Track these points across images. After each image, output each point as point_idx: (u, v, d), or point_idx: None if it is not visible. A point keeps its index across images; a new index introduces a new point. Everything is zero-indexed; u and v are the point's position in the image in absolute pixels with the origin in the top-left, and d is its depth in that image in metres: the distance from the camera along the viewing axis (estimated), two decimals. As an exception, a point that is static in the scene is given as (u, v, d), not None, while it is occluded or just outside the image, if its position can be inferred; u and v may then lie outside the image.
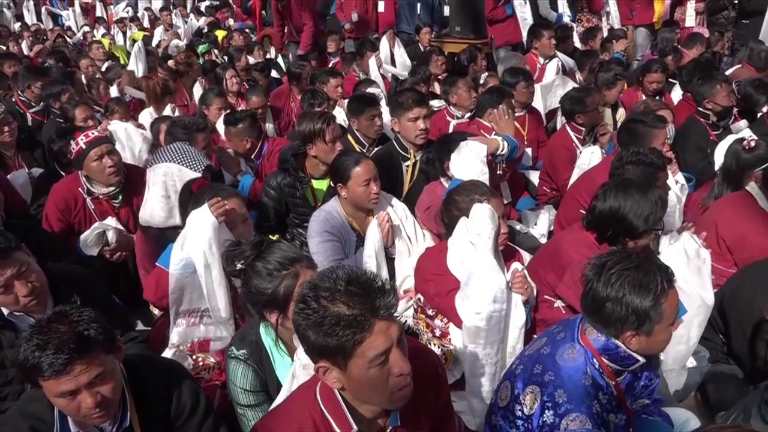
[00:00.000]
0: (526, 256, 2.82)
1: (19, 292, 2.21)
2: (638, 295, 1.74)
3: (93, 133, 3.29)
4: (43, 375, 1.60)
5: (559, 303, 2.59)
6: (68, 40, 10.65)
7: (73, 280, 2.38)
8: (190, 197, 2.68)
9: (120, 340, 1.82)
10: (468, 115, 4.61)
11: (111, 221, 3.31)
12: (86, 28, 11.76)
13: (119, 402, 1.78)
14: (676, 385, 2.46)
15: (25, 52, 9.36)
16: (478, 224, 2.41)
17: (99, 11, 13.24)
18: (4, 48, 9.43)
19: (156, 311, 3.17)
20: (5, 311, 2.29)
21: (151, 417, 1.86)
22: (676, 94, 5.39)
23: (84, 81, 6.55)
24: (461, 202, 2.53)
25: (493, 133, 3.70)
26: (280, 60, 8.01)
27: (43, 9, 13.39)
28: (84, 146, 3.23)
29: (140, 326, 3.20)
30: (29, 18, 13.14)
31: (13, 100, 5.66)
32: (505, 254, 2.59)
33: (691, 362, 2.55)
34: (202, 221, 2.44)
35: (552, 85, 5.56)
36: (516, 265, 2.54)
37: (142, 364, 1.92)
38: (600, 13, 8.32)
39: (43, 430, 1.75)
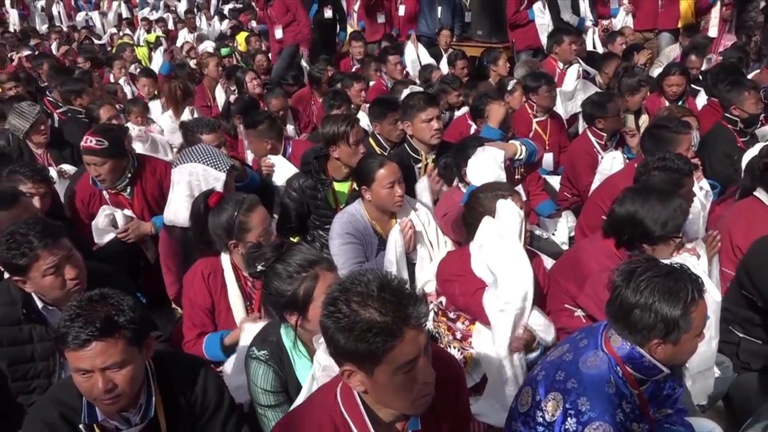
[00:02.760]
0: (548, 262, 2.80)
1: (67, 274, 2.28)
2: (668, 303, 1.71)
3: (91, 142, 3.29)
4: (66, 345, 1.66)
5: (579, 312, 2.57)
6: (95, 41, 10.82)
7: (101, 277, 2.42)
8: (204, 209, 2.64)
9: (152, 338, 1.86)
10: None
11: (125, 212, 3.39)
12: (113, 30, 11.97)
13: (145, 394, 1.81)
14: (702, 390, 2.42)
15: (54, 53, 9.55)
16: (505, 218, 2.40)
17: (125, 13, 13.46)
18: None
19: (179, 310, 3.21)
20: (40, 304, 2.34)
21: (176, 411, 1.89)
22: (701, 100, 5.32)
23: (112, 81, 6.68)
24: (484, 199, 2.53)
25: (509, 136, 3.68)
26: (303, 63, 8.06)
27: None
28: (81, 148, 3.34)
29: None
30: (58, 19, 13.43)
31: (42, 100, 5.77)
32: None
33: (716, 372, 2.51)
34: None
35: (573, 91, 5.53)
36: None
37: (170, 360, 1.96)
38: (608, 18, 8.25)
39: (72, 417, 1.79)
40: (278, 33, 7.28)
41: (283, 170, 3.82)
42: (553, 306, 2.63)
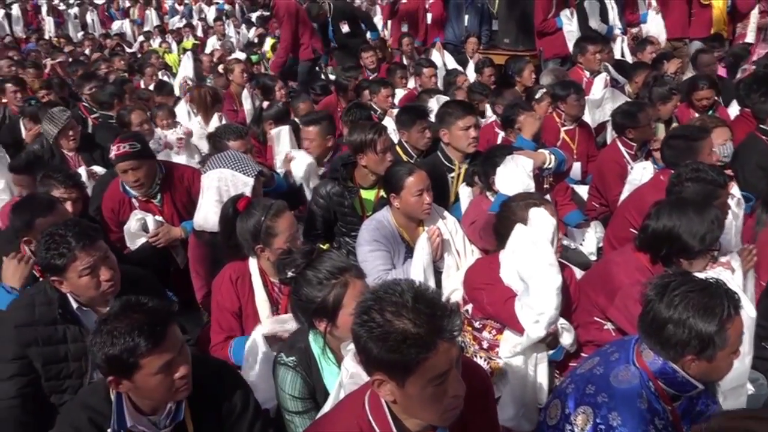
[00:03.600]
0: (578, 273, 2.77)
1: (102, 275, 2.31)
2: (703, 318, 1.68)
3: (124, 147, 3.34)
4: (142, 352, 1.67)
5: (609, 325, 2.54)
6: (126, 48, 11.05)
7: (132, 281, 2.47)
8: (232, 213, 2.67)
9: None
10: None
11: (156, 218, 3.44)
12: (142, 38, 12.21)
13: None
14: (734, 408, 2.36)
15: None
16: (538, 226, 2.39)
17: (155, 21, 13.72)
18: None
19: (206, 314, 3.24)
20: (74, 304, 2.38)
21: (202, 414, 1.91)
22: (734, 109, 5.21)
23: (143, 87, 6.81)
24: (516, 208, 2.51)
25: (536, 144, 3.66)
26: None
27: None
28: (113, 158, 3.37)
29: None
30: (92, 27, 13.76)
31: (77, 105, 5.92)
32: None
33: (749, 389, 2.46)
34: None
35: (601, 99, 5.47)
36: None
37: (198, 363, 1.97)
38: (637, 25, 8.13)
39: (101, 422, 1.81)
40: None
41: (301, 161, 3.81)
42: (582, 318, 2.60)
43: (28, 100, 5.56)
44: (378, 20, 9.86)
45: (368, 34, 8.20)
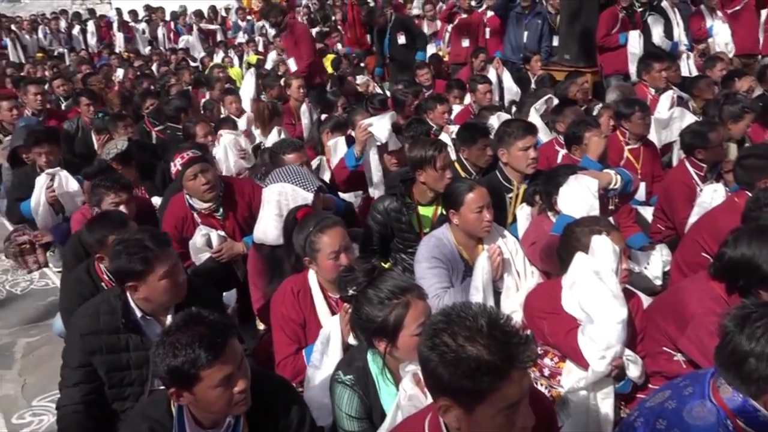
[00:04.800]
0: (644, 300, 2.65)
1: (180, 279, 2.41)
2: None
3: (188, 154, 3.45)
4: (203, 364, 1.69)
5: (679, 356, 2.41)
6: (190, 63, 11.45)
7: (195, 289, 2.53)
8: (292, 223, 2.74)
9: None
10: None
11: (219, 233, 3.48)
12: (203, 53, 12.64)
13: None
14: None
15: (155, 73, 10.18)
16: (600, 255, 2.30)
17: (219, 36, 14.18)
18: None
19: (261, 327, 3.28)
20: (138, 313, 2.44)
21: (260, 429, 1.91)
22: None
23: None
24: (581, 234, 2.43)
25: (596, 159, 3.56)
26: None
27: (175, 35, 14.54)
28: (180, 167, 3.43)
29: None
30: (161, 42, 14.35)
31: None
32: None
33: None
34: None
35: (669, 119, 5.28)
36: None
37: (255, 378, 1.98)
38: (704, 41, 7.81)
39: None
40: (291, 65, 7.45)
41: (381, 126, 3.77)
42: (650, 348, 2.48)
43: (99, 113, 5.81)
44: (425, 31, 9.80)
45: (417, 54, 8.14)
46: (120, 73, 10.07)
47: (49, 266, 4.59)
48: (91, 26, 14.79)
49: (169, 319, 2.49)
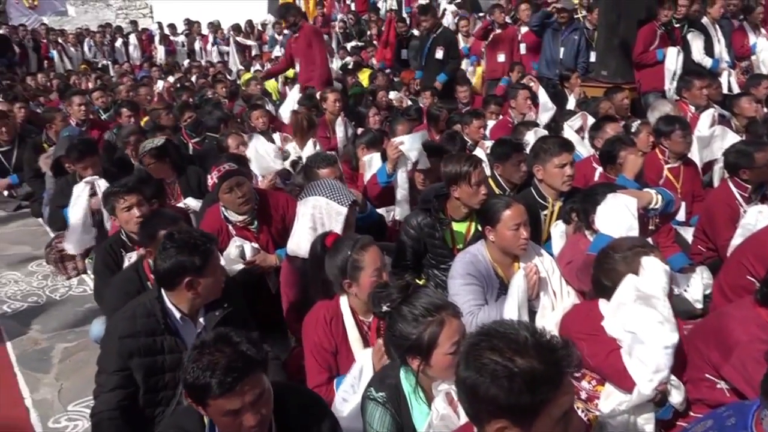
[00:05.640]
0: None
1: (222, 275, 2.52)
2: None
3: (224, 167, 3.48)
4: (213, 394, 1.69)
5: (722, 384, 2.32)
6: (227, 76, 11.67)
7: (225, 291, 2.59)
8: (321, 249, 2.71)
9: (271, 358, 1.91)
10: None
11: (253, 245, 3.49)
12: (242, 67, 12.87)
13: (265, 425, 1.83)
14: None
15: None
16: (652, 276, 2.24)
17: (255, 50, 14.43)
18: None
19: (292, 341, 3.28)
20: (177, 314, 2.49)
21: None
22: None
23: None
24: (621, 260, 2.37)
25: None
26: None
27: (209, 46, 14.89)
28: (216, 180, 3.46)
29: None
30: (199, 55, 14.68)
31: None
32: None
33: None
34: None
35: (710, 137, 5.16)
36: None
37: (287, 393, 1.98)
38: (747, 59, 7.61)
39: None
40: (297, 67, 7.46)
41: (412, 144, 3.83)
42: (692, 374, 2.40)
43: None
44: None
45: (439, 75, 8.07)
46: (160, 84, 10.31)
47: (87, 273, 4.68)
48: (133, 39, 15.24)
49: (201, 321, 2.54)
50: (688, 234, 4.19)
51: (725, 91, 6.83)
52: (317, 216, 3.06)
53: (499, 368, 1.32)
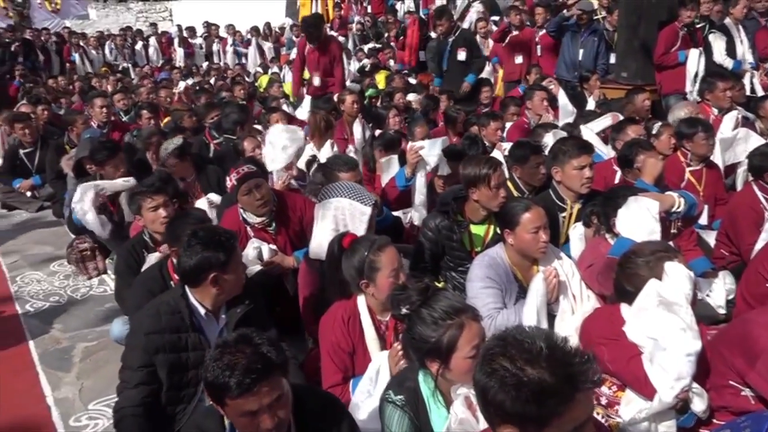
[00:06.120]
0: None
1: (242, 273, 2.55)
2: None
3: (243, 170, 3.49)
4: (231, 394, 1.70)
5: (747, 392, 2.28)
6: (245, 78, 11.75)
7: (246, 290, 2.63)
8: (337, 250, 2.72)
9: (290, 360, 1.91)
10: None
11: (271, 246, 3.51)
12: (259, 69, 12.95)
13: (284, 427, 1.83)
14: None
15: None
16: (675, 282, 2.21)
17: (272, 52, 14.53)
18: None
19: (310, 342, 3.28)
20: (202, 311, 2.52)
21: None
22: None
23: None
24: (644, 265, 2.34)
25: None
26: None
27: (227, 48, 15.03)
28: (235, 182, 3.47)
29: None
30: (218, 56, 14.81)
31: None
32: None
33: None
34: None
35: (733, 139, 5.08)
36: None
37: (306, 395, 1.99)
38: None
39: None
40: (316, 80, 7.48)
41: (432, 150, 3.83)
42: (716, 381, 2.35)
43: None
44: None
45: (469, 76, 8.02)
46: (181, 86, 10.42)
47: (108, 273, 4.74)
48: (153, 42, 15.42)
49: (223, 317, 2.56)
50: (710, 238, 4.13)
51: (748, 92, 6.72)
52: (340, 217, 3.07)
53: (508, 375, 1.31)
